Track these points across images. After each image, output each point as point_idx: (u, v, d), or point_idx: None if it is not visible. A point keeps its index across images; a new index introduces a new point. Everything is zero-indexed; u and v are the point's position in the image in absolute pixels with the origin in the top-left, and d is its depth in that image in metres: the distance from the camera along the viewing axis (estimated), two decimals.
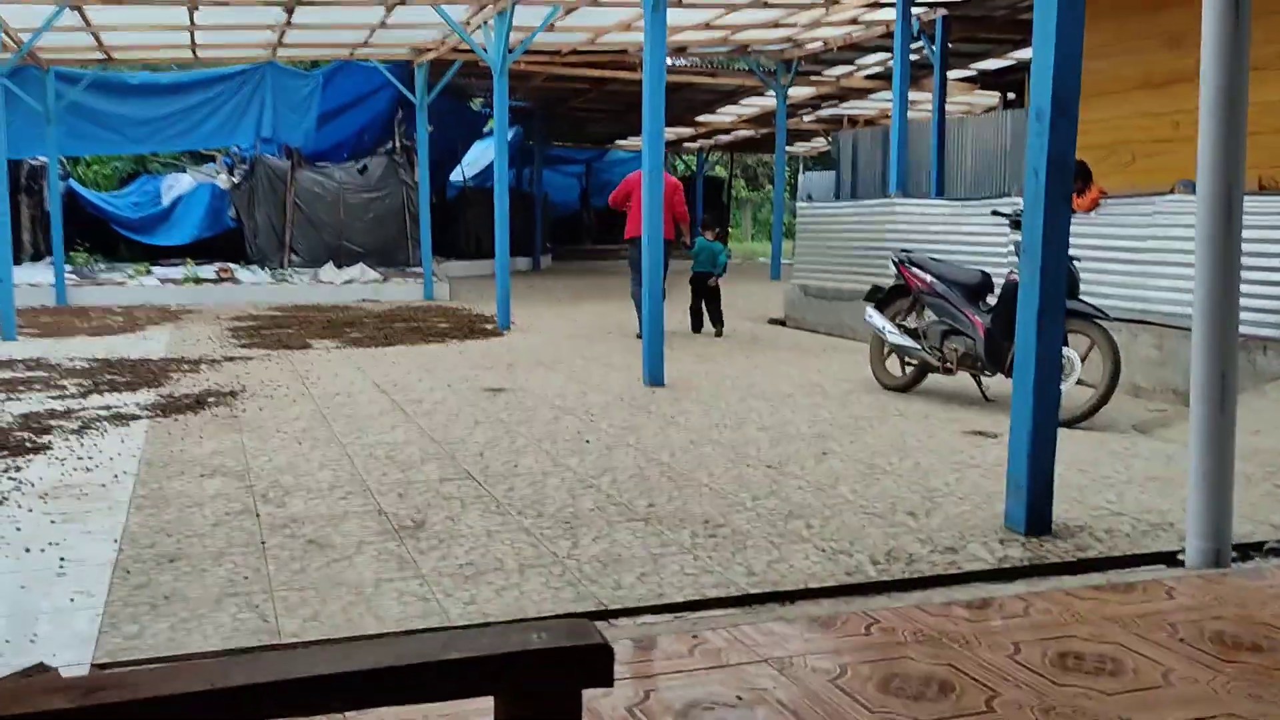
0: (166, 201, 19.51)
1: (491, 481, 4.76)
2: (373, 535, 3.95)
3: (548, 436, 5.77)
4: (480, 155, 24.86)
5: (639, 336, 11.72)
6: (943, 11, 13.16)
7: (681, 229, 10.75)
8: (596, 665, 1.12)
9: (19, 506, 4.36)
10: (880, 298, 7.50)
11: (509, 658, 1.08)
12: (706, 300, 11.31)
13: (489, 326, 11.57)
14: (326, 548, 3.79)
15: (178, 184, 19.82)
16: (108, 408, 6.60)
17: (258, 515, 4.21)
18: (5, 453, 5.29)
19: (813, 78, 19.71)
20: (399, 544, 3.84)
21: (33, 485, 4.70)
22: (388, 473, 4.93)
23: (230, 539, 3.90)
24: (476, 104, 24.02)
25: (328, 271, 16.51)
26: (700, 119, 25.72)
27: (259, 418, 6.31)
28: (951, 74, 17.01)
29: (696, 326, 11.47)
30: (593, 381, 7.78)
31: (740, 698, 2.55)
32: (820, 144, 30.29)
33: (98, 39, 13.41)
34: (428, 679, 1.05)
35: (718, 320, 11.19)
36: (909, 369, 7.30)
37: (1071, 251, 4.71)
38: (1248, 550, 3.79)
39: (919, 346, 7.03)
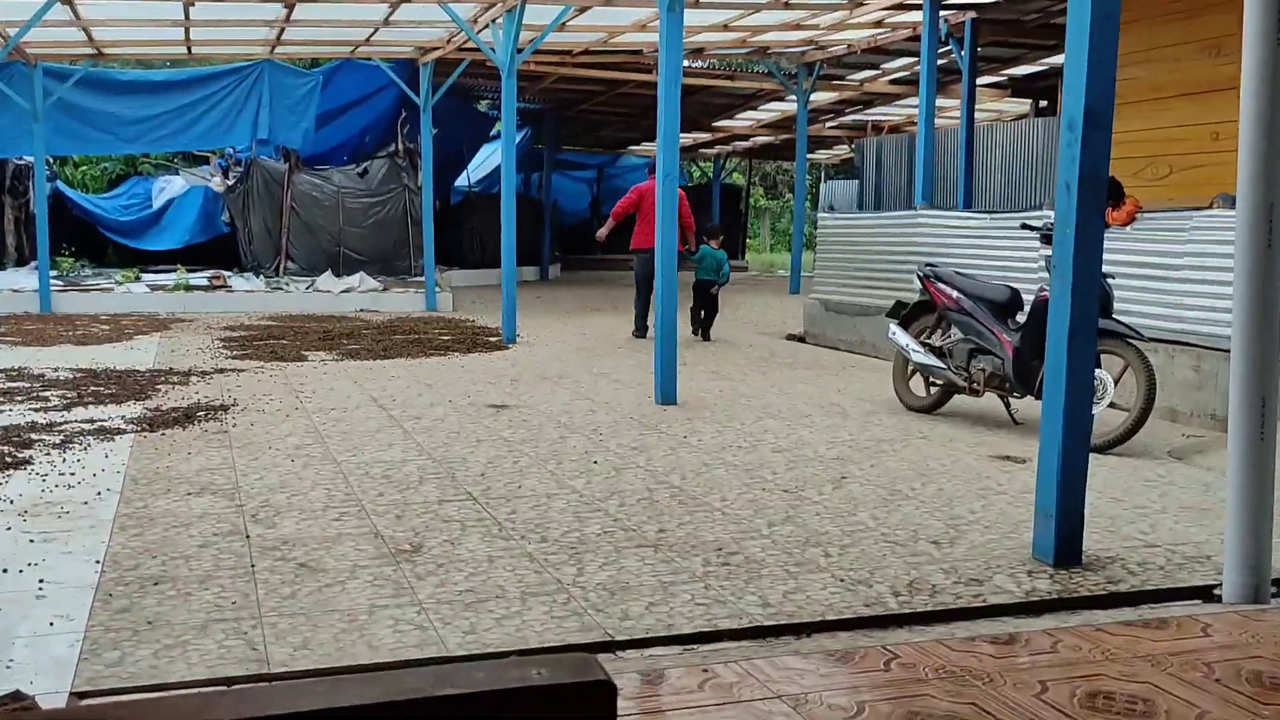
0: (157, 204, 19.63)
1: (493, 503, 4.77)
2: (368, 559, 3.95)
3: (553, 456, 5.77)
4: (487, 159, 24.94)
5: (635, 334, 11.94)
6: (972, 14, 13.18)
7: (687, 237, 11.05)
8: (599, 703, 1.12)
9: None
10: (904, 314, 7.50)
11: (506, 695, 1.09)
12: (705, 307, 12.08)
13: (493, 339, 11.60)
14: (319, 572, 3.80)
15: (169, 186, 19.95)
16: (92, 421, 6.63)
17: (247, 536, 4.22)
18: None
19: (835, 82, 19.75)
20: (395, 569, 3.84)
21: (12, 502, 4.72)
22: (384, 493, 4.94)
23: (218, 561, 3.91)
24: (483, 106, 24.13)
25: (325, 280, 16.58)
26: (717, 124, 25.79)
27: (250, 433, 6.33)
28: (980, 80, 17.01)
29: (697, 331, 12.23)
30: (601, 398, 7.79)
31: None
32: (843, 151, 30.33)
33: (88, 34, 13.52)
34: (419, 717, 1.05)
35: (709, 325, 12.10)
36: (933, 389, 7.30)
37: (1105, 268, 4.71)
38: None
39: (944, 366, 7.02)
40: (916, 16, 13.42)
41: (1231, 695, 2.81)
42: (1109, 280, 6.20)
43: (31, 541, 4.15)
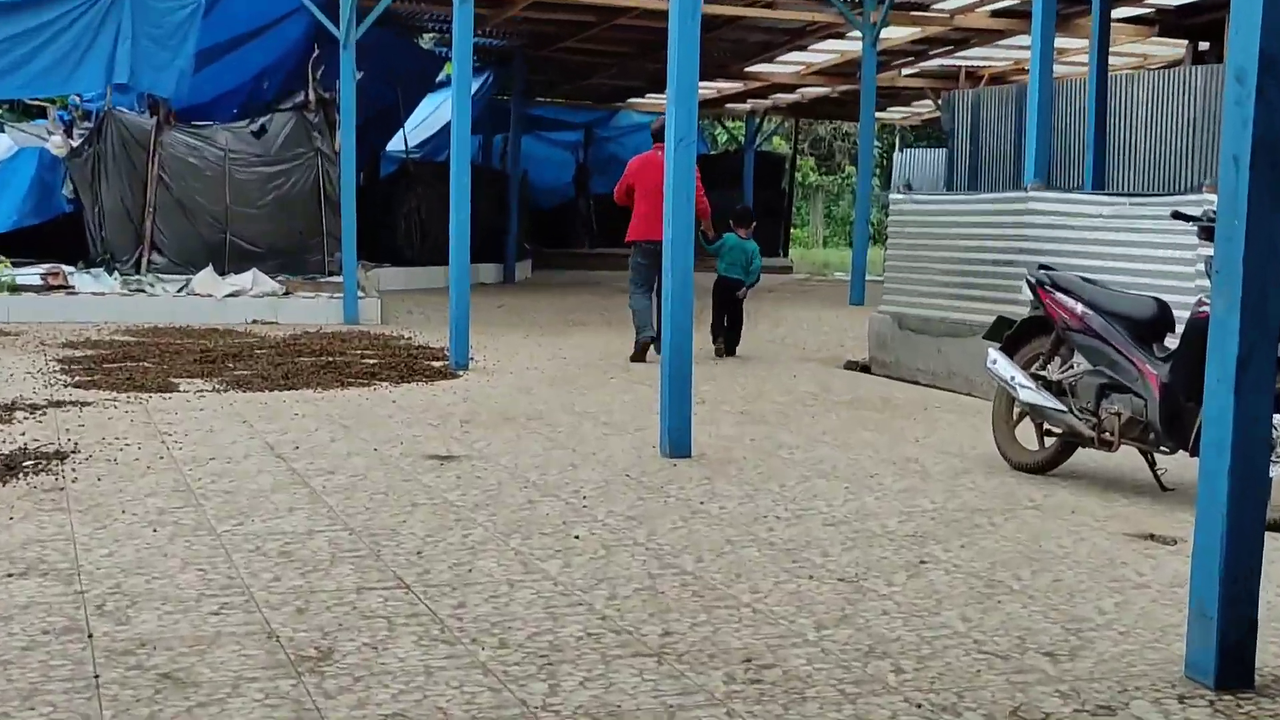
0: None
1: (433, 593, 4.76)
2: (257, 669, 3.94)
3: (518, 528, 5.77)
4: (431, 115, 25.01)
5: (633, 359, 11.98)
6: None
7: (701, 222, 11.18)
8: None
9: None
10: (1009, 335, 7.50)
11: None
12: (730, 315, 12.66)
13: (437, 364, 11.61)
14: (189, 686, 3.78)
15: None
16: None
17: (90, 635, 4.20)
18: None
19: (915, 13, 19.85)
20: (295, 683, 3.83)
21: None
22: (281, 576, 4.93)
23: (48, 670, 3.89)
24: (428, 41, 24.24)
25: (205, 279, 16.59)
26: (752, 69, 25.91)
27: (97, 492, 6.32)
28: (1117, 12, 17.11)
29: (720, 349, 12.66)
30: (586, 448, 7.79)
31: None
32: (925, 109, 30.46)
33: None
34: None
35: (734, 341, 12.70)
36: (1049, 440, 7.29)
37: None
38: None
39: (1064, 408, 7.01)
40: None
41: None
42: None
43: None
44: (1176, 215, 7.34)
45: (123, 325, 14.76)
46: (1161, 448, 6.69)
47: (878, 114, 24.32)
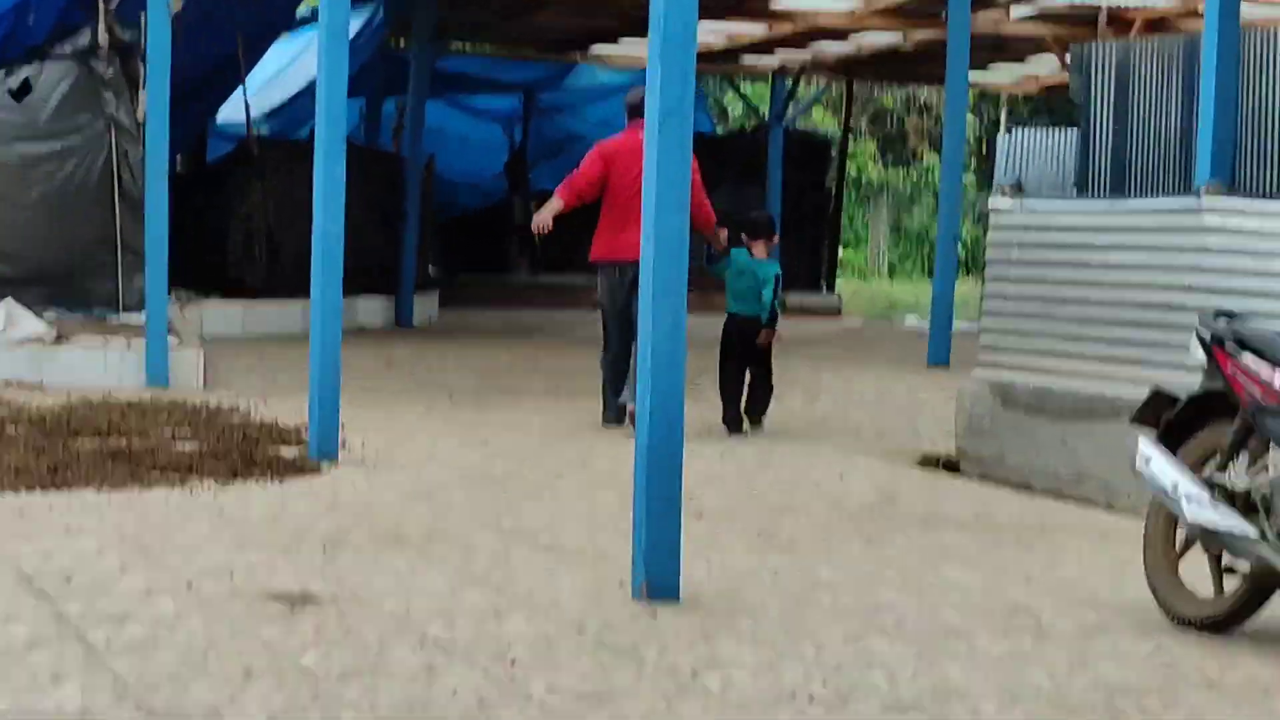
0: None
1: None
2: None
3: (408, 712, 5.74)
4: (286, 71, 25.07)
5: (608, 419, 12.13)
6: None
7: (702, 233, 11.35)
8: None
9: None
10: (1170, 420, 7.49)
11: None
12: (750, 366, 12.94)
13: (289, 452, 11.61)
14: None
15: None
16: None
17: None
18: None
19: None
20: None
21: None
22: None
23: None
24: None
25: None
26: (782, 6, 26.07)
27: None
28: None
29: (737, 421, 12.92)
30: (518, 586, 7.79)
31: None
32: (1043, 67, 30.66)
33: None
34: None
35: (760, 403, 13.02)
36: (1230, 581, 7.28)
37: None
38: None
39: (1253, 532, 7.00)
40: None
41: None
42: None
43: None
44: None
45: None
46: None
47: (973, 76, 24.48)
